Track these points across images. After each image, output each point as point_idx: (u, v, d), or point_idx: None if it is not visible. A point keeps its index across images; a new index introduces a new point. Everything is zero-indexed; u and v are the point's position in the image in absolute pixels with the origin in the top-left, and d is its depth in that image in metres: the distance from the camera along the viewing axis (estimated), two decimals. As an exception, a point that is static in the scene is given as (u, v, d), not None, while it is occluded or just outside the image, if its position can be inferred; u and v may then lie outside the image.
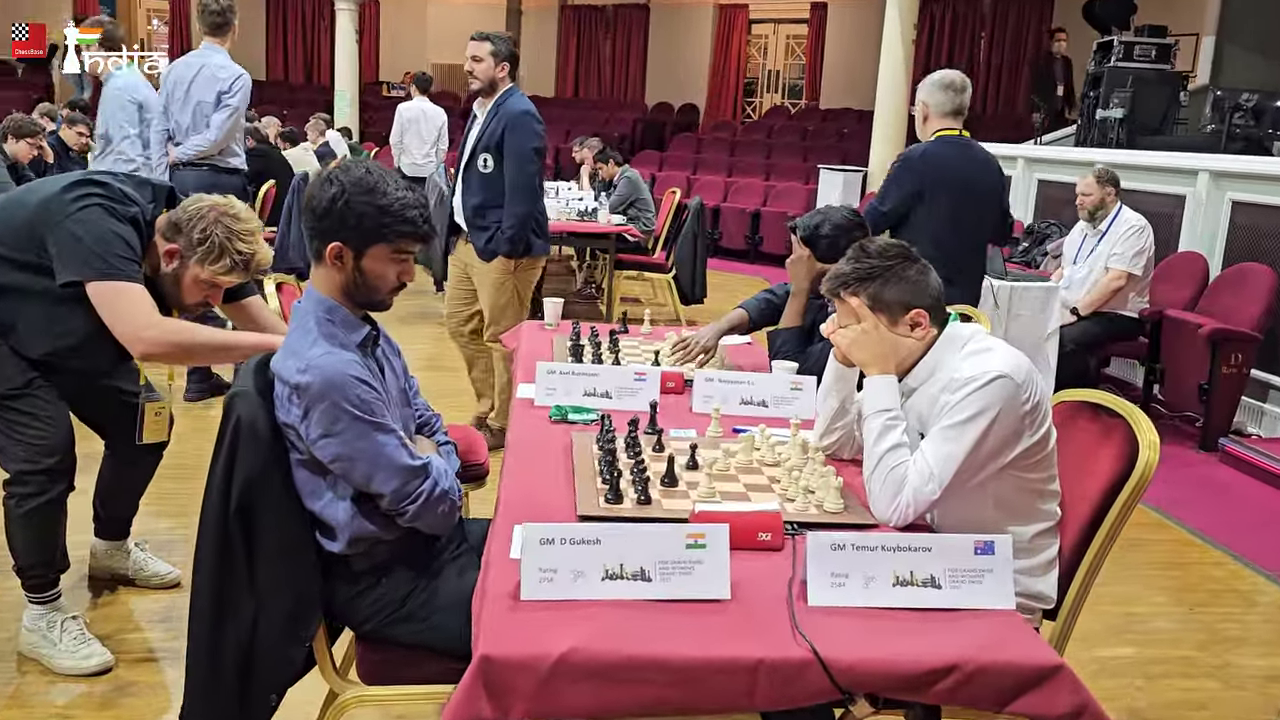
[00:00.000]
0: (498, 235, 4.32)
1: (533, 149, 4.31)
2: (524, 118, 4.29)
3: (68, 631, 2.73)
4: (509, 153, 4.26)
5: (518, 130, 4.26)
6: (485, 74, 4.28)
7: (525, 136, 4.27)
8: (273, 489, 1.92)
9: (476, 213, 4.36)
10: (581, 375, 2.68)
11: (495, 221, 4.33)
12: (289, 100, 17.00)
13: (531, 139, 4.29)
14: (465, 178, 4.39)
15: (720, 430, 2.49)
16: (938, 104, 4.09)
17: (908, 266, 2.06)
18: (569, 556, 1.61)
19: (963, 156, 4.08)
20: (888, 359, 2.06)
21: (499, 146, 4.27)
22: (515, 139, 4.26)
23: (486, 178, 4.31)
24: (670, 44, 17.89)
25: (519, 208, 4.29)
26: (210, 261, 2.52)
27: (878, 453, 1.99)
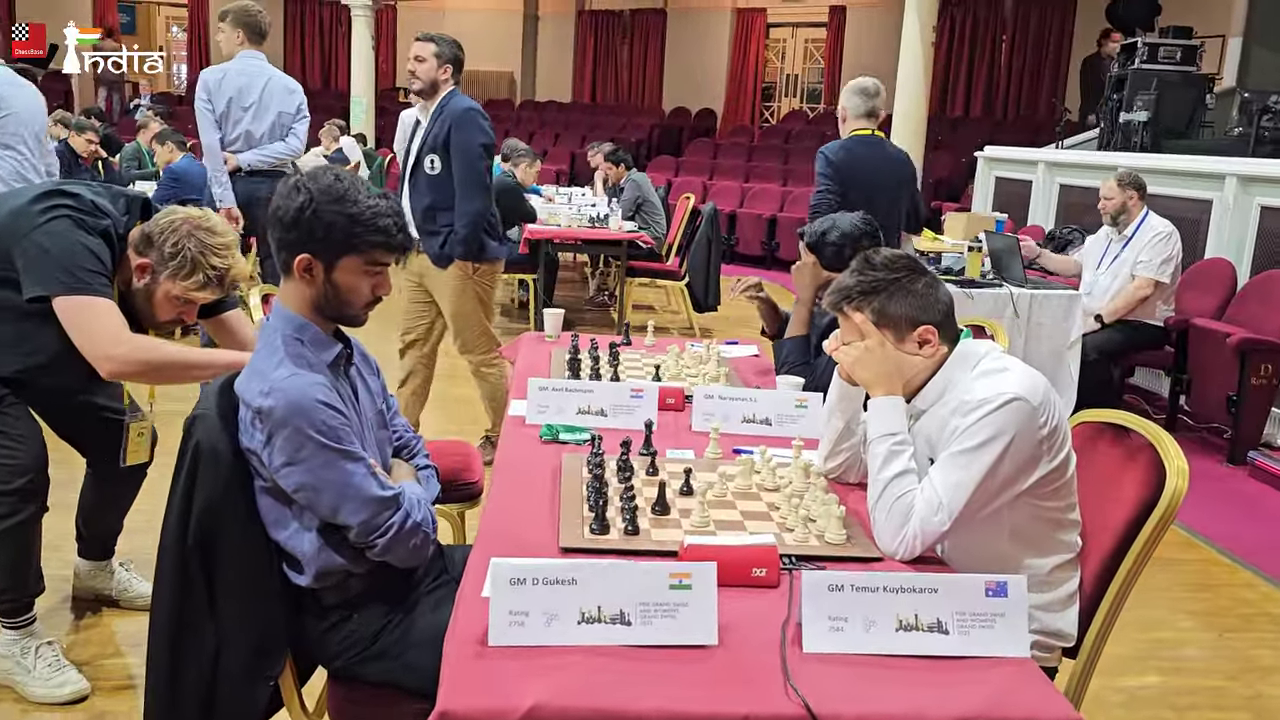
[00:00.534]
0: (450, 238, 4.16)
1: (480, 145, 4.12)
2: (469, 114, 4.14)
3: (42, 658, 2.62)
4: (456, 150, 4.10)
5: (464, 127, 4.11)
6: (427, 75, 4.16)
7: (472, 132, 4.11)
8: (234, 518, 1.80)
9: (426, 216, 4.18)
10: (575, 392, 2.56)
11: (446, 225, 4.16)
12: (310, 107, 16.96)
13: (478, 135, 4.13)
14: (412, 182, 4.23)
15: (719, 451, 2.36)
16: (854, 107, 4.68)
17: (915, 279, 1.92)
18: (542, 598, 1.48)
19: (873, 154, 4.62)
20: (893, 379, 1.92)
21: (445, 146, 4.13)
22: (461, 136, 4.10)
23: (434, 180, 4.15)
24: (687, 49, 17.77)
25: (469, 206, 4.10)
26: (182, 277, 2.40)
27: (882, 480, 1.85)
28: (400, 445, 2.14)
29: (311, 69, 18.86)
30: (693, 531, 1.88)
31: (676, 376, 3.02)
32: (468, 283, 4.20)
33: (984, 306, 5.30)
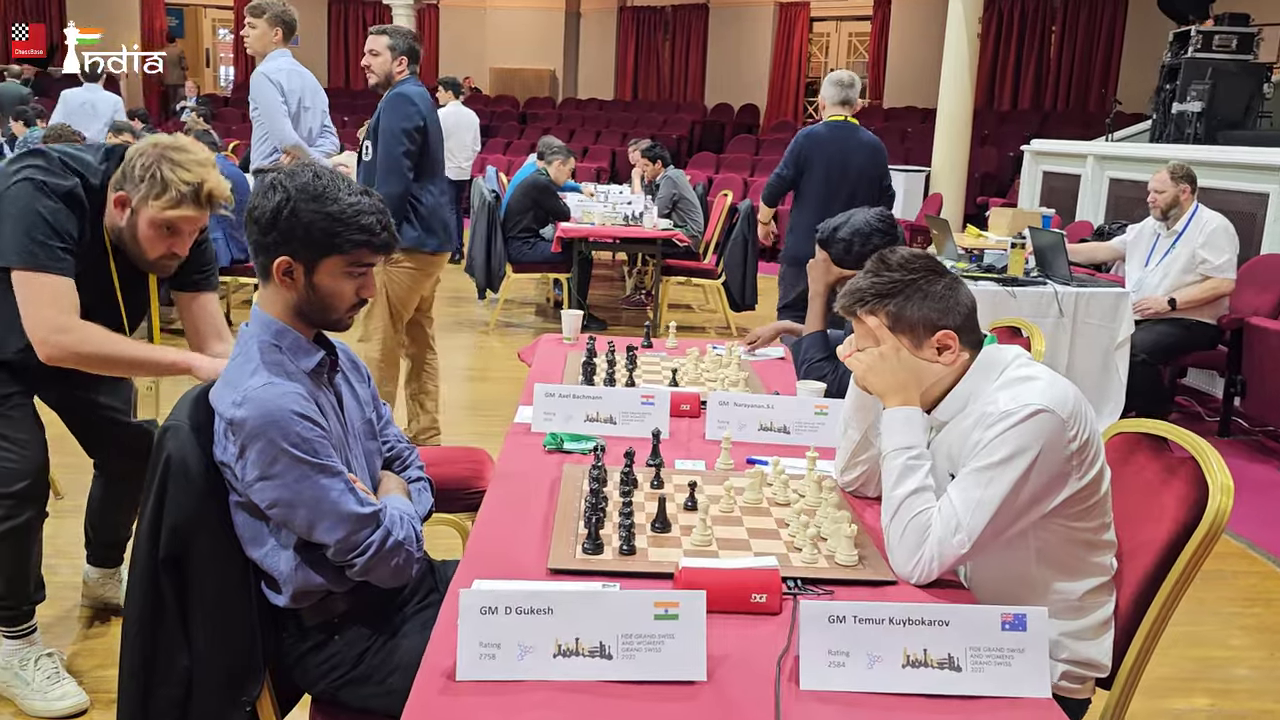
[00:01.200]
0: None
1: (402, 129, 3.99)
2: (397, 98, 4.06)
3: (41, 669, 2.57)
4: (380, 134, 4.04)
5: (388, 110, 4.04)
6: (382, 69, 4.10)
7: (394, 117, 4.02)
8: (206, 534, 1.71)
9: None
10: (583, 398, 2.45)
11: None
12: (349, 106, 17.04)
13: (401, 119, 4.01)
14: (358, 173, 4.22)
15: (731, 462, 2.24)
16: (829, 96, 5.29)
17: (933, 280, 1.78)
18: (515, 628, 1.37)
19: (841, 138, 5.21)
20: (909, 388, 1.78)
21: (376, 130, 4.08)
22: (385, 119, 4.04)
23: (368, 166, 4.10)
24: (730, 44, 17.60)
25: (384, 188, 3.97)
26: (155, 196, 2.28)
27: (897, 498, 1.72)
28: (392, 456, 2.05)
29: (354, 68, 18.94)
30: (693, 551, 1.76)
31: (696, 381, 2.90)
32: (381, 268, 4.11)
33: (1027, 306, 5.11)
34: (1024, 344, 2.86)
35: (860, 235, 2.66)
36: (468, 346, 6.90)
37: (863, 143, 5.24)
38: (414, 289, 4.26)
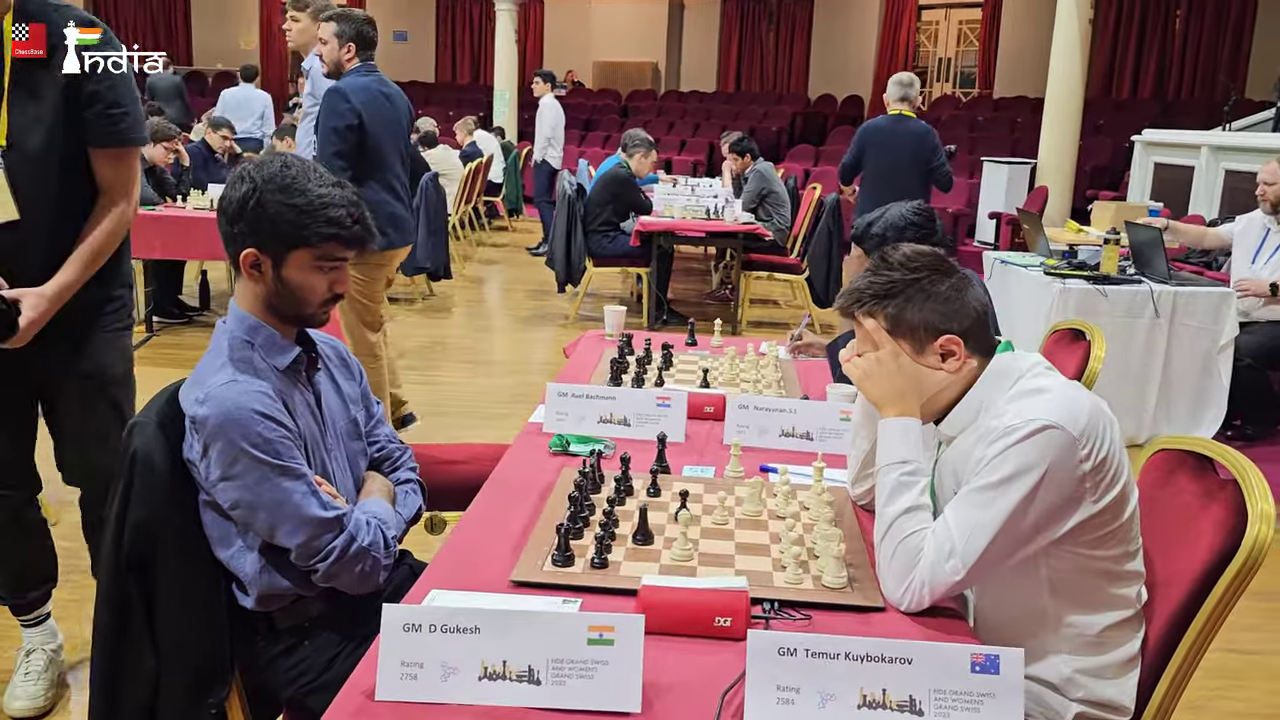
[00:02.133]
0: None
1: (332, 128, 3.89)
2: (330, 95, 3.96)
3: (30, 662, 2.56)
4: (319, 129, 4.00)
5: (322, 108, 3.98)
6: (331, 58, 4.02)
7: (326, 114, 3.95)
8: (172, 533, 1.67)
9: None
10: (596, 399, 2.35)
11: None
12: (454, 101, 17.31)
13: (331, 117, 3.92)
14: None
15: (741, 469, 2.11)
16: (892, 94, 6.32)
17: (938, 279, 1.63)
18: (439, 647, 1.28)
19: (897, 129, 6.19)
20: (908, 397, 1.63)
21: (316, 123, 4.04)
22: (321, 114, 3.98)
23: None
24: (836, 34, 17.24)
25: None
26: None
27: (888, 516, 1.58)
28: (381, 457, 1.99)
29: (462, 64, 19.22)
30: (669, 568, 1.66)
31: (730, 381, 2.78)
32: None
33: (1120, 305, 4.81)
34: (1084, 349, 2.66)
35: (894, 229, 2.50)
36: (547, 340, 6.88)
37: (912, 131, 6.16)
38: (373, 287, 4.20)
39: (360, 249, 1.75)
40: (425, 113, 13.05)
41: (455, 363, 6.14)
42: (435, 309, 7.66)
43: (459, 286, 8.43)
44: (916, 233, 2.51)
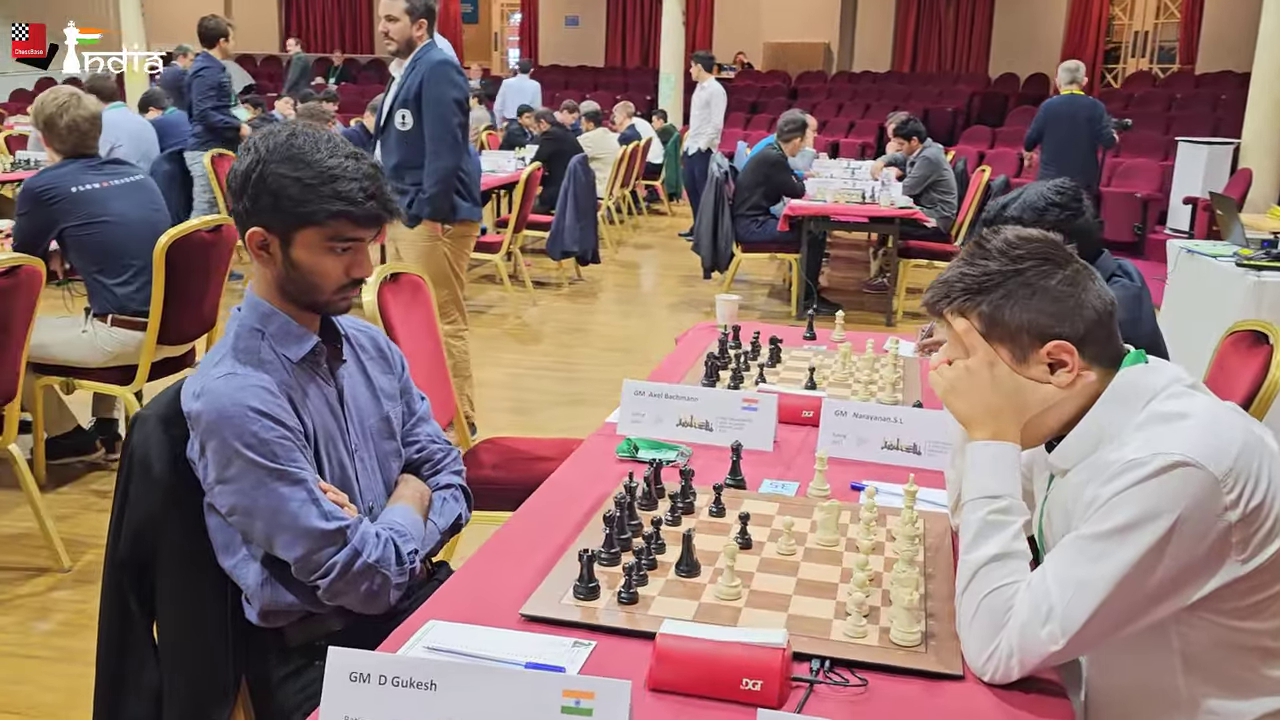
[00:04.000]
0: (418, 197, 3.91)
1: (454, 99, 3.85)
2: (442, 67, 3.88)
3: None
4: (427, 104, 3.86)
5: (436, 80, 3.85)
6: (401, 34, 3.87)
7: (444, 86, 3.85)
8: (171, 538, 1.54)
9: (395, 174, 3.92)
10: (675, 399, 2.11)
11: (416, 183, 3.91)
12: (621, 85, 17.26)
13: (451, 88, 3.86)
14: (383, 140, 4.01)
15: (827, 487, 1.83)
16: (1061, 79, 7.71)
17: (1048, 271, 1.30)
18: (388, 704, 1.08)
19: (1070, 105, 7.60)
20: (1003, 416, 1.32)
21: (417, 100, 3.87)
22: (433, 89, 3.85)
23: (405, 135, 3.92)
24: (1020, 9, 16.24)
25: (440, 163, 3.87)
26: None
27: (971, 564, 1.28)
28: (422, 459, 1.80)
29: (631, 48, 19.15)
30: (710, 608, 1.40)
31: (842, 382, 2.49)
32: (436, 244, 3.99)
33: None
34: (1264, 355, 2.23)
35: (1032, 210, 2.15)
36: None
37: (1083, 104, 7.61)
38: (465, 258, 4.19)
39: (377, 228, 1.56)
40: (592, 97, 13.01)
41: (592, 349, 5.99)
42: (581, 294, 7.55)
43: (608, 271, 8.30)
44: (1059, 214, 2.15)
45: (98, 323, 3.47)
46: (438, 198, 3.90)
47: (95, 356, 3.45)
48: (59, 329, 3.56)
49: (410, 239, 4.00)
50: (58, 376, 3.52)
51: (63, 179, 3.36)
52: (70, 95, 3.49)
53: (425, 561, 1.74)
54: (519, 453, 2.87)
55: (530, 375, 5.42)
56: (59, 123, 3.41)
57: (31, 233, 3.34)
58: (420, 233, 3.97)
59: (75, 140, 3.42)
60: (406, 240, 4.02)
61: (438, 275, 3.92)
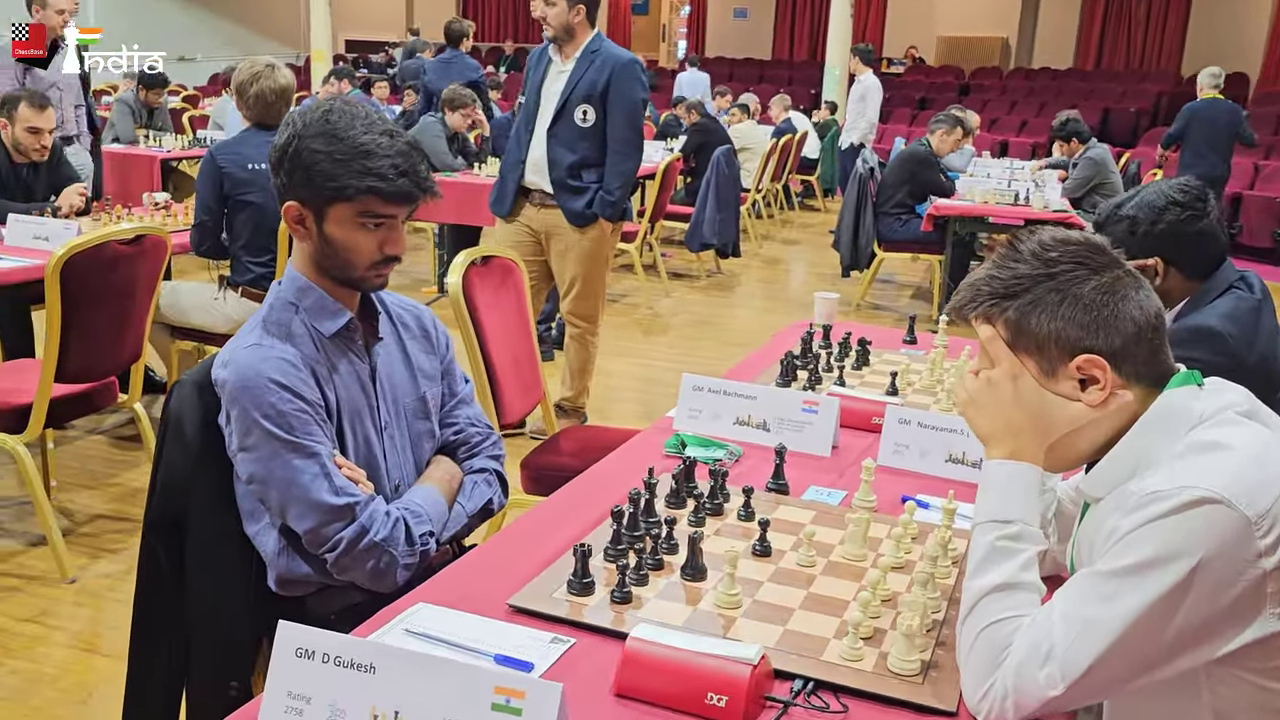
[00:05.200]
0: (599, 197, 3.80)
1: (641, 99, 3.83)
2: (631, 65, 3.80)
3: None
4: (615, 103, 3.76)
5: (625, 79, 3.76)
6: (559, 20, 3.75)
7: (634, 85, 3.78)
8: (200, 501, 1.59)
9: (572, 172, 3.83)
10: (733, 396, 2.04)
11: (594, 182, 3.81)
12: (786, 78, 17.03)
13: (639, 89, 3.81)
14: (552, 133, 3.84)
15: (873, 498, 1.73)
16: (1205, 82, 8.21)
17: (1082, 276, 1.18)
18: (330, 683, 1.07)
19: (1209, 109, 8.02)
20: (1023, 434, 1.21)
21: (602, 97, 3.76)
22: (623, 88, 3.75)
23: (586, 132, 3.80)
24: (1220, 5, 15.17)
25: (626, 164, 3.81)
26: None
27: (973, 592, 1.17)
28: (459, 441, 1.79)
29: (799, 41, 18.89)
30: (707, 614, 1.34)
31: (928, 390, 2.36)
32: (604, 245, 3.92)
33: None
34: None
35: (1150, 209, 1.97)
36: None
37: (1223, 108, 8.00)
38: (611, 250, 4.10)
39: (409, 206, 1.56)
40: (756, 90, 12.90)
41: (717, 343, 5.92)
42: (717, 287, 7.48)
43: (749, 266, 8.20)
44: (1180, 214, 1.98)
45: (230, 292, 3.65)
46: (621, 200, 3.86)
47: (222, 323, 3.62)
48: (195, 294, 3.75)
49: (574, 238, 3.91)
50: (193, 340, 3.71)
51: (239, 156, 3.52)
52: (265, 66, 3.67)
53: (452, 544, 1.73)
54: (598, 441, 2.84)
55: (653, 366, 5.40)
56: (248, 90, 3.58)
57: (208, 199, 3.53)
58: (591, 233, 3.89)
59: (260, 110, 3.59)
60: (570, 239, 3.91)
61: (596, 275, 3.96)
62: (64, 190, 4.17)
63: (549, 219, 3.93)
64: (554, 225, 3.92)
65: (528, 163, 3.92)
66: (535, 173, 3.90)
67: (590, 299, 4.00)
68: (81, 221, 3.93)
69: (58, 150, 4.26)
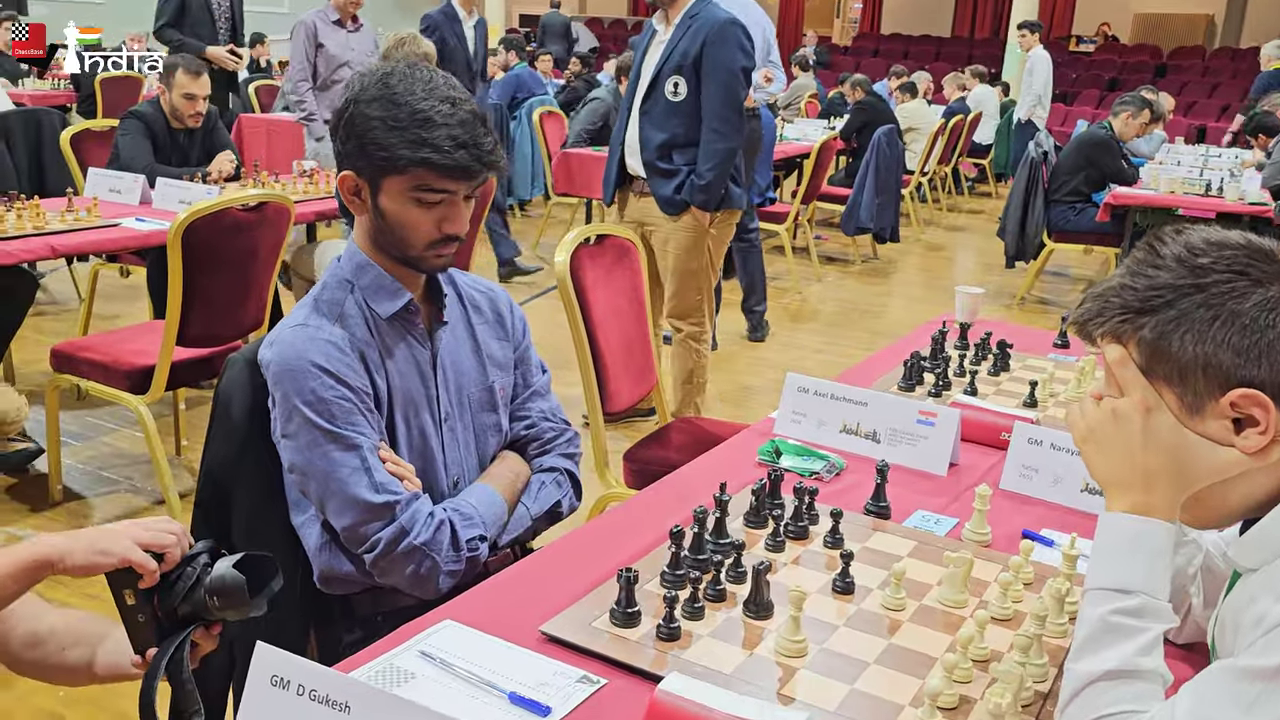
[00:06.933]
0: (689, 182, 3.36)
1: (741, 68, 3.31)
2: (729, 28, 3.28)
3: None
4: (711, 72, 3.28)
5: (722, 44, 3.27)
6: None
7: (731, 51, 3.27)
8: (243, 485, 1.50)
9: (661, 153, 3.40)
10: (841, 401, 1.84)
11: (686, 164, 3.35)
12: (965, 56, 16.27)
13: (740, 55, 3.29)
14: (644, 109, 3.43)
15: (987, 531, 1.50)
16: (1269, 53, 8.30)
17: (1243, 290, 0.93)
18: (302, 714, 0.94)
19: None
20: (1156, 483, 0.97)
21: (695, 66, 3.30)
22: (719, 54, 3.27)
23: (677, 107, 3.35)
24: None
25: (722, 144, 3.31)
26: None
27: (1079, 677, 0.95)
28: (530, 436, 1.65)
29: (982, 17, 18.02)
30: (763, 661, 1.16)
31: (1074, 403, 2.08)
32: (701, 237, 3.45)
33: None
34: None
35: None
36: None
37: None
38: (724, 250, 3.73)
39: (468, 182, 1.42)
40: (931, 69, 12.36)
41: (864, 332, 5.63)
42: (871, 273, 7.16)
43: (908, 252, 7.82)
44: None
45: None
46: (714, 185, 3.39)
47: None
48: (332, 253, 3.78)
49: (669, 229, 3.51)
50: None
51: None
52: (409, 34, 3.70)
53: (514, 548, 1.60)
54: (712, 437, 2.67)
55: (796, 354, 5.17)
56: (393, 57, 3.61)
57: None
58: (684, 222, 3.47)
59: None
60: (664, 229, 3.53)
61: (693, 270, 3.55)
62: (216, 156, 4.27)
63: (646, 208, 3.55)
64: (651, 214, 3.54)
65: (625, 145, 3.56)
66: (632, 155, 3.53)
67: (688, 298, 3.58)
68: (230, 187, 4.01)
69: (212, 117, 4.37)
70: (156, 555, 1.18)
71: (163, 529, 1.19)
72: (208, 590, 1.18)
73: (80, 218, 3.38)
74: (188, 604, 1.19)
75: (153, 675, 1.17)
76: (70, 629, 1.36)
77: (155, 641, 1.20)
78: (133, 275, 4.45)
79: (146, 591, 1.18)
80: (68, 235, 3.26)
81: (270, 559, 1.21)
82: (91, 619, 1.39)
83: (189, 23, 5.47)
